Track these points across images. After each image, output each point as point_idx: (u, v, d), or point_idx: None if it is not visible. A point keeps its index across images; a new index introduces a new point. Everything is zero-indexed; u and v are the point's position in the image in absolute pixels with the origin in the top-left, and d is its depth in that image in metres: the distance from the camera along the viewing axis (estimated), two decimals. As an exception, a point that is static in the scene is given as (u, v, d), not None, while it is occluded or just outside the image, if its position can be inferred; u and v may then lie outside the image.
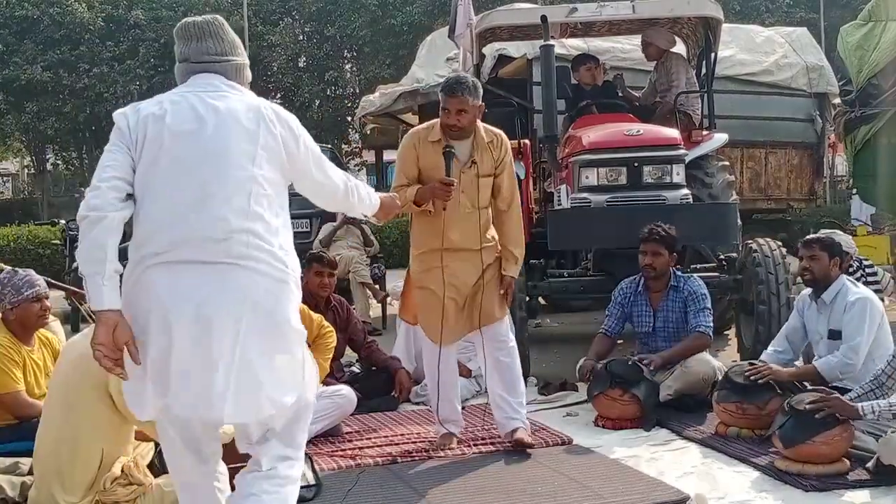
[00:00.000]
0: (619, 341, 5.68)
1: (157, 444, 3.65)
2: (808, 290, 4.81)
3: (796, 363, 4.86)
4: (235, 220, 2.54)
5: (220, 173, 2.57)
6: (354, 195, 2.97)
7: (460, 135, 4.36)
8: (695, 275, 5.50)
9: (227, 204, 2.55)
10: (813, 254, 4.69)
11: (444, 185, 4.21)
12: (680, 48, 7.89)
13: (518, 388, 4.52)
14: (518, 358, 4.56)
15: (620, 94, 7.38)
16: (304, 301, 3.21)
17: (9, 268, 4.36)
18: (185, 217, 2.53)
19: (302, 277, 2.81)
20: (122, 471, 3.38)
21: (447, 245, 4.34)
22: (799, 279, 5.09)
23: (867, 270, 6.88)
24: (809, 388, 4.19)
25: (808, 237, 4.92)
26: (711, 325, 5.21)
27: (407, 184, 4.34)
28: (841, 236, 5.76)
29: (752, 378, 4.45)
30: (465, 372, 5.36)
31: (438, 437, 4.58)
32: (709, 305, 5.22)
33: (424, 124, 4.58)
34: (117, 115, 2.64)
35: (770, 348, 4.92)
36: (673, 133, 6.36)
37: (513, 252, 4.45)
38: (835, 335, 4.61)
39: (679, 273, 5.35)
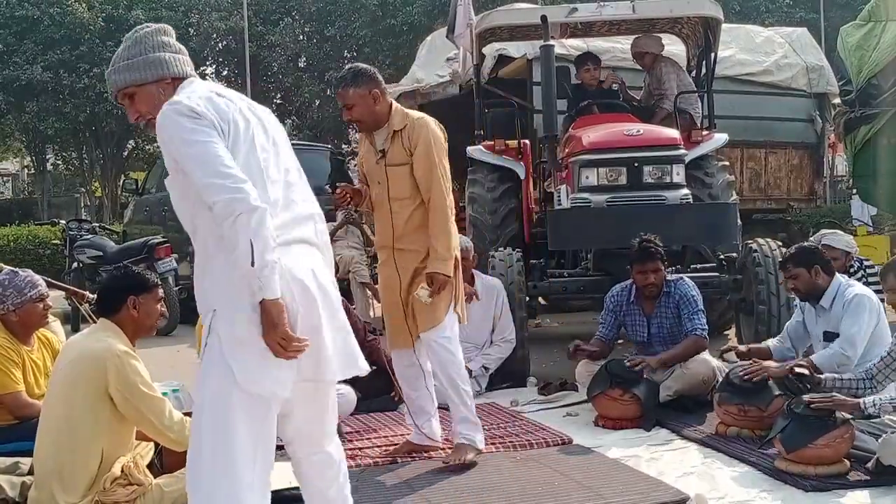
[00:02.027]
0: (619, 341, 5.68)
1: (157, 445, 3.65)
2: None
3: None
4: (312, 205, 2.73)
5: (290, 162, 2.71)
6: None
7: (367, 126, 4.16)
8: (684, 276, 5.48)
9: (305, 191, 2.73)
10: (791, 273, 4.69)
11: None
12: (674, 49, 7.91)
13: (454, 400, 4.19)
14: (441, 373, 4.18)
15: (621, 96, 7.39)
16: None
17: (8, 268, 4.36)
18: (283, 202, 2.61)
19: None
20: (122, 471, 3.37)
21: (378, 242, 4.27)
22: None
23: (868, 271, 6.88)
24: (810, 388, 4.18)
25: (780, 261, 4.90)
26: (706, 326, 5.20)
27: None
28: (841, 236, 5.77)
29: (745, 379, 4.45)
30: (464, 372, 5.35)
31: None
32: (702, 307, 5.21)
33: None
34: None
35: (776, 340, 4.95)
36: (673, 133, 6.37)
37: (434, 246, 4.04)
38: (830, 337, 4.61)
39: (668, 277, 5.32)
